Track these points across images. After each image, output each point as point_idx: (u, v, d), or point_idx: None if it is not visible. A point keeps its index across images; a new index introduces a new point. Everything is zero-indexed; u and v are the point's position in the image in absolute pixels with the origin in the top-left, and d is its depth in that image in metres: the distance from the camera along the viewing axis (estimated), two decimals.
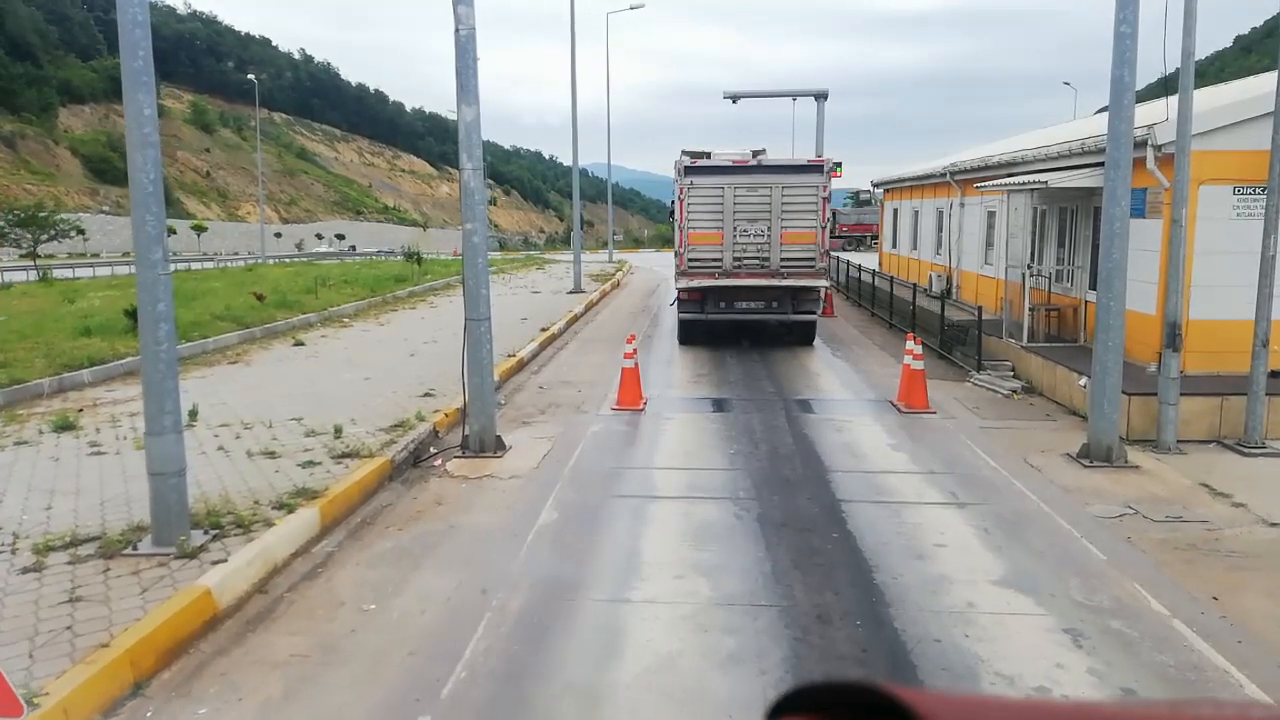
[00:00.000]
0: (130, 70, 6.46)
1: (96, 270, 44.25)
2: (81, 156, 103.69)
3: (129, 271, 46.46)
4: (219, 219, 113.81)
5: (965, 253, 21.56)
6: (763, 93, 39.66)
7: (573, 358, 17.17)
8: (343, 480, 8.37)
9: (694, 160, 17.28)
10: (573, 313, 22.91)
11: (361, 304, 23.87)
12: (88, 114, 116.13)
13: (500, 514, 8.19)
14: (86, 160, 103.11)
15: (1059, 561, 7.06)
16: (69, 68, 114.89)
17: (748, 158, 17.56)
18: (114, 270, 46.17)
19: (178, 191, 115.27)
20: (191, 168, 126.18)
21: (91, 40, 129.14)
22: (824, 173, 17.18)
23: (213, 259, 65.35)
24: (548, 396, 13.47)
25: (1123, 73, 9.29)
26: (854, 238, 64.35)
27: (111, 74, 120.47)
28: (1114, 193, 9.40)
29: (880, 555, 7.14)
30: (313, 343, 17.70)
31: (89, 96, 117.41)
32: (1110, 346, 9.52)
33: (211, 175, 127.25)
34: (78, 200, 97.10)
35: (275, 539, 6.90)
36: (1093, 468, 9.55)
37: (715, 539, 7.50)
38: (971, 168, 20.20)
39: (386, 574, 6.83)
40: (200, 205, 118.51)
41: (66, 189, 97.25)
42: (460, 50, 9.58)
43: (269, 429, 10.47)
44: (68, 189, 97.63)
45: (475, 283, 9.91)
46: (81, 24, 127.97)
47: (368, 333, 19.42)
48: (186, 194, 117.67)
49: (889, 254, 31.08)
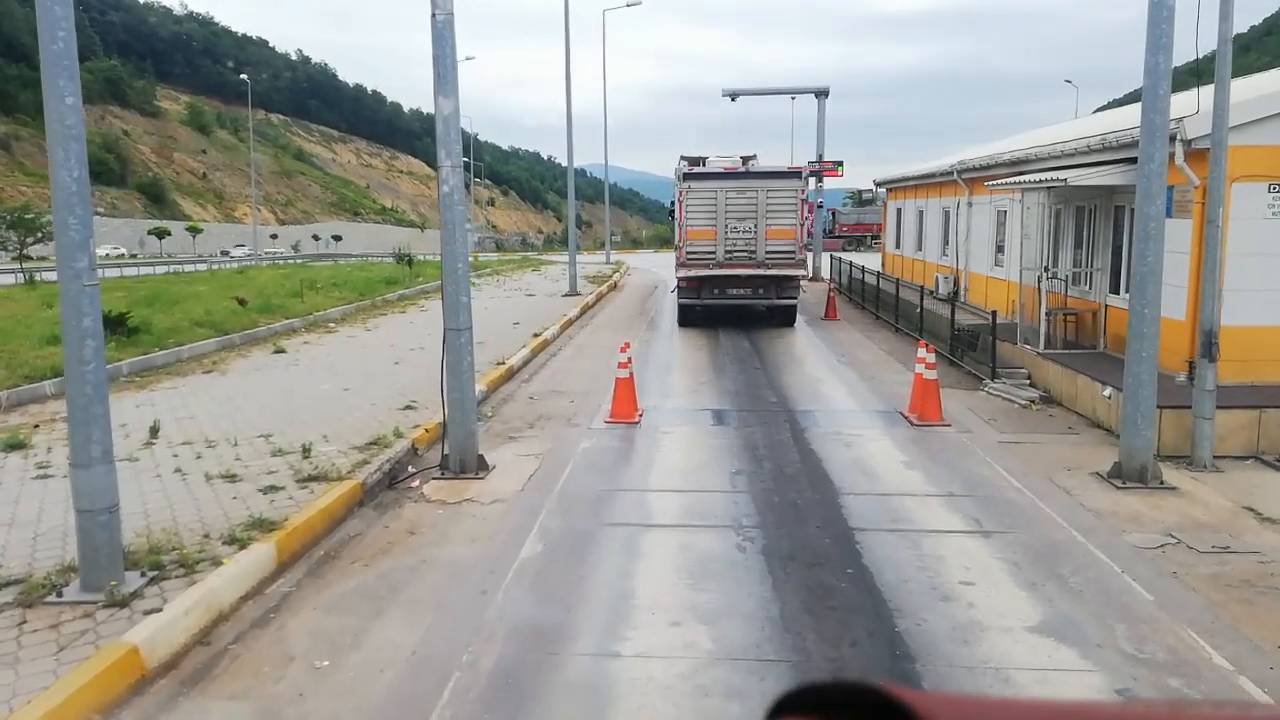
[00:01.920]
0: (50, 55, 5.76)
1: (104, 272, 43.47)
2: None
3: (120, 274, 46.05)
4: (215, 220, 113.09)
5: (974, 254, 20.80)
6: (762, 90, 38.95)
7: (566, 365, 16.41)
8: (305, 509, 7.60)
9: (691, 166, 19.87)
10: (567, 317, 22.14)
11: (349, 308, 23.10)
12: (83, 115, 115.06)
13: (478, 546, 7.42)
14: None
15: (1101, 602, 6.29)
16: None
17: (738, 164, 20.15)
18: (104, 273, 45.47)
19: (174, 193, 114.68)
20: (188, 169, 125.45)
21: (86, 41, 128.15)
22: (802, 178, 19.83)
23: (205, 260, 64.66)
24: (538, 408, 12.70)
25: (1158, 59, 8.53)
26: (854, 238, 63.54)
27: (106, 75, 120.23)
28: (1148, 191, 8.64)
29: (901, 596, 6.38)
30: (294, 350, 16.93)
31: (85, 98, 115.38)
32: (1144, 357, 8.76)
33: (208, 177, 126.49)
34: None
35: (221, 581, 6.13)
36: (1126, 489, 8.79)
37: (716, 576, 6.73)
38: (980, 166, 19.43)
39: (346, 621, 6.06)
40: (196, 207, 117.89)
41: None
42: (437, 37, 8.82)
43: (234, 447, 9.70)
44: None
45: (455, 289, 9.15)
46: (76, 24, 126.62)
47: (353, 339, 18.64)
48: (183, 195, 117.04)
49: (892, 255, 30.32)
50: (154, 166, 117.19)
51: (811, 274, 35.84)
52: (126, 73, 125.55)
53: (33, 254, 44.11)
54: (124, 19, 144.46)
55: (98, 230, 41.91)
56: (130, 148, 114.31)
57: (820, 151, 35.96)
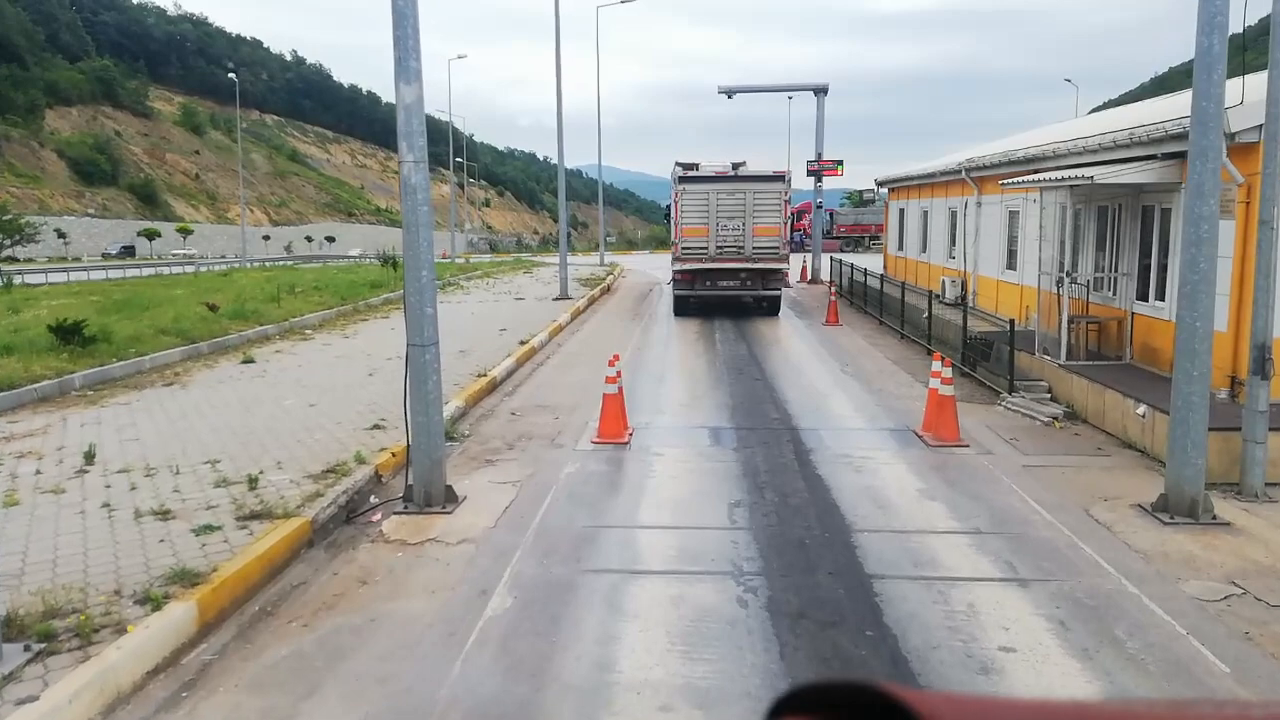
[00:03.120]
0: None
1: (71, 275, 42.37)
2: (68, 159, 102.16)
3: (105, 276, 44.89)
4: (208, 221, 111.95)
5: (983, 256, 19.82)
6: (760, 87, 37.92)
7: (553, 376, 15.41)
8: (240, 556, 6.60)
9: (686, 171, 21.93)
10: (556, 323, 21.12)
11: (330, 313, 22.08)
12: (75, 115, 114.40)
13: (438, 599, 6.42)
14: (73, 162, 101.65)
15: (1170, 675, 5.31)
16: (56, 69, 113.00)
17: (728, 169, 22.04)
18: (90, 275, 44.33)
19: (165, 194, 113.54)
20: (180, 170, 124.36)
21: (79, 41, 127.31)
22: (785, 181, 22.00)
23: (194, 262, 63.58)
24: (519, 425, 11.70)
25: (1211, 40, 7.58)
26: (852, 238, 62.51)
27: (99, 75, 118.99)
28: (1200, 188, 7.65)
29: (932, 667, 5.39)
30: (265, 359, 15.92)
31: (76, 98, 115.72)
32: (1195, 376, 7.77)
33: (201, 177, 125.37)
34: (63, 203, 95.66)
35: (122, 655, 5.13)
36: (1174, 525, 7.80)
37: (713, 640, 5.74)
38: (992, 164, 18.44)
39: (271, 702, 5.06)
40: (189, 208, 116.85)
41: (52, 191, 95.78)
42: (398, 17, 7.83)
43: (175, 476, 8.69)
44: (53, 191, 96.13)
45: (419, 300, 8.14)
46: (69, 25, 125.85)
47: (329, 347, 17.63)
48: (175, 196, 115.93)
49: (895, 256, 29.33)
50: (146, 167, 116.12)
51: (811, 276, 34.89)
52: (119, 73, 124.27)
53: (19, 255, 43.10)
54: (117, 19, 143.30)
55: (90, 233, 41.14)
56: (122, 148, 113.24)
57: (819, 150, 34.95)
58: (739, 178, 21.72)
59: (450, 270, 38.96)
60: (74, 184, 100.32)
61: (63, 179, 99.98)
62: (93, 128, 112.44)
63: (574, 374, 15.37)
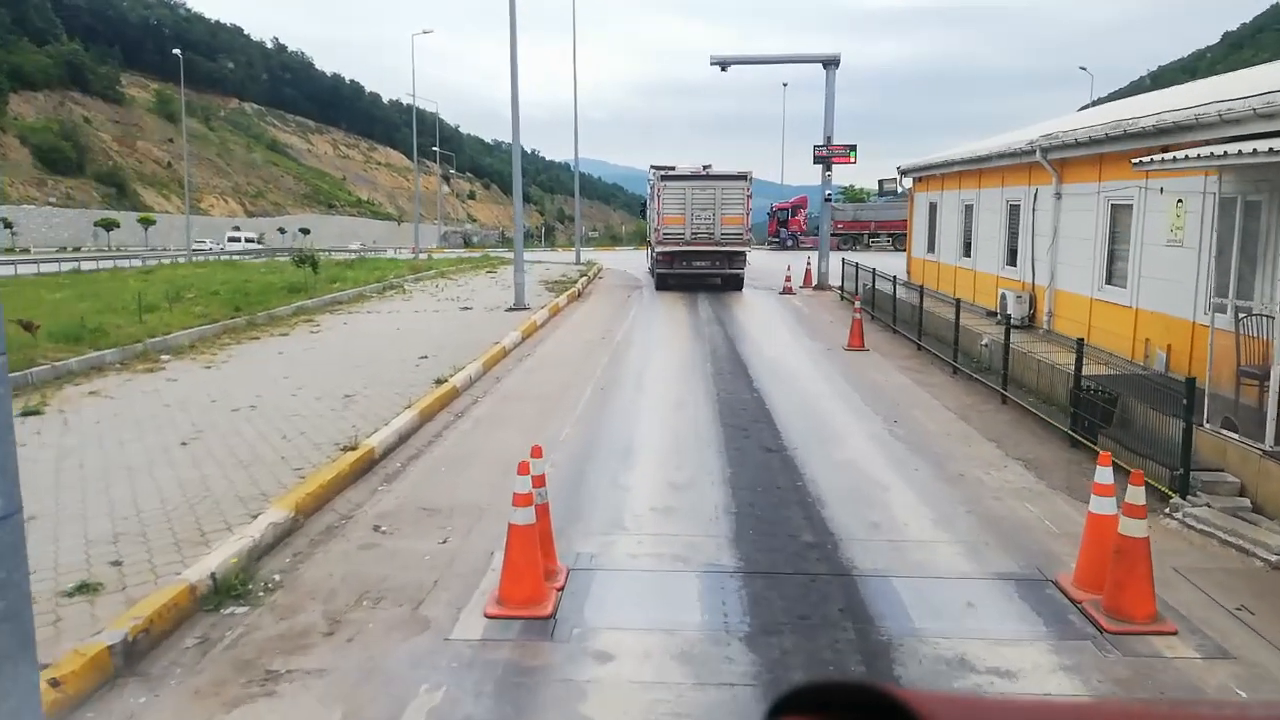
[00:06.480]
0: None
1: (19, 269, 37.25)
2: (31, 145, 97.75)
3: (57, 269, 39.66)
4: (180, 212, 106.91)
5: (1066, 264, 14.94)
6: (758, 58, 32.79)
7: (468, 441, 10.47)
8: None
9: (665, 171, 27.33)
10: (500, 345, 16.10)
11: (212, 328, 17.04)
12: (41, 101, 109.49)
13: None
14: (36, 149, 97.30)
15: None
16: (22, 52, 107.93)
17: (700, 169, 27.48)
18: (40, 269, 39.31)
19: (135, 183, 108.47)
20: (152, 158, 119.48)
21: (48, 24, 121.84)
22: (747, 180, 27.21)
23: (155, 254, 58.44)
24: (373, 563, 6.80)
25: None
26: (849, 236, 57.33)
27: (69, 59, 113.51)
28: None
29: None
30: (58, 409, 11.03)
31: (43, 83, 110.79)
32: None
33: (173, 166, 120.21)
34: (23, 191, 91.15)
35: None
36: None
37: None
38: (1086, 140, 13.53)
39: None
40: (159, 197, 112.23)
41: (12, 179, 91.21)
42: None
43: None
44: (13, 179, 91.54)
45: None
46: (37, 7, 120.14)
47: (172, 384, 12.64)
48: (145, 185, 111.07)
49: (923, 259, 24.49)
50: (115, 155, 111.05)
51: (817, 282, 30.00)
52: (90, 58, 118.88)
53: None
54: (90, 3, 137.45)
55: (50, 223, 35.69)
56: (90, 135, 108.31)
57: (829, 133, 30.03)
58: (709, 176, 27.22)
59: (398, 269, 33.88)
60: (36, 171, 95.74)
61: (25, 166, 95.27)
62: (60, 113, 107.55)
63: (500, 436, 10.47)
